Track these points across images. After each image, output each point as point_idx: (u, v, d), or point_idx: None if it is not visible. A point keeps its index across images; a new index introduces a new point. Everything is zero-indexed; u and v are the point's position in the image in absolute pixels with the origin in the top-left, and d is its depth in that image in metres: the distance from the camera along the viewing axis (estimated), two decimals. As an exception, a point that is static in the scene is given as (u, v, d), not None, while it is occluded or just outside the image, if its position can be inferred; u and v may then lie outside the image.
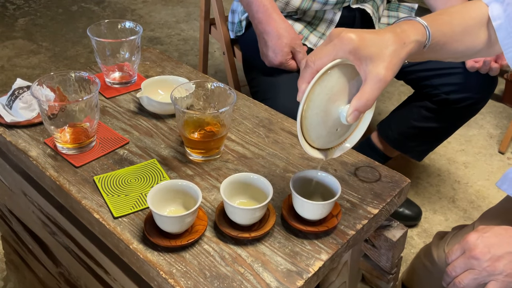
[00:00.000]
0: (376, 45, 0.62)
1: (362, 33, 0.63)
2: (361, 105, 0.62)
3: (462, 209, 1.69)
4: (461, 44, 0.75)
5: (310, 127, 0.66)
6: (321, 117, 0.66)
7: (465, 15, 0.76)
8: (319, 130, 0.67)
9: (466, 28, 0.74)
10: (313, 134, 0.67)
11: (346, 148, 0.72)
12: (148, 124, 0.93)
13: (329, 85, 0.64)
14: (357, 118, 0.64)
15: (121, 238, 0.71)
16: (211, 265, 0.67)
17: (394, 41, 0.64)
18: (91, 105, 0.82)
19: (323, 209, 0.70)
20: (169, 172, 0.82)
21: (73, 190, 0.78)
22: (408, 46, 0.65)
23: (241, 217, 0.70)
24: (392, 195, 0.80)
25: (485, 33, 0.77)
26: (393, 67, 0.63)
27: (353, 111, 0.63)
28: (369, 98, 0.62)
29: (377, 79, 0.62)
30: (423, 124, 1.42)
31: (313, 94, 0.63)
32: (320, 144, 0.69)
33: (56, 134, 0.84)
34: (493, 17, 0.75)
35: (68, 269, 0.98)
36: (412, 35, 0.66)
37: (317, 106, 0.64)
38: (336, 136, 0.70)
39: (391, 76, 0.62)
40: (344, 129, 0.70)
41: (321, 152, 0.70)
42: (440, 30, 0.71)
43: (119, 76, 1.04)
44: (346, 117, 0.64)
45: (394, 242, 0.84)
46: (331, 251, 0.70)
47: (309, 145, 0.68)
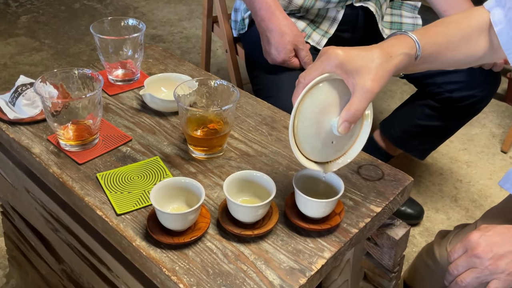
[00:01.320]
0: (362, 59, 0.65)
1: (349, 49, 0.66)
2: (350, 115, 0.65)
3: (464, 208, 1.68)
4: (457, 53, 0.76)
5: (303, 139, 0.67)
6: (314, 129, 0.67)
7: (461, 24, 0.77)
8: (313, 142, 0.68)
9: (463, 37, 0.76)
10: (307, 147, 0.68)
11: (345, 162, 0.73)
12: (151, 122, 0.93)
13: (319, 98, 0.66)
14: (348, 129, 0.66)
15: (124, 235, 0.71)
16: (214, 263, 0.67)
17: (380, 55, 0.66)
18: (94, 102, 0.82)
19: (326, 207, 0.70)
20: (172, 170, 0.82)
21: (76, 187, 0.78)
22: (395, 59, 0.67)
23: (244, 214, 0.70)
24: (395, 194, 0.80)
25: (486, 40, 0.77)
26: (379, 79, 0.65)
27: (342, 122, 0.65)
28: (357, 109, 0.64)
29: (363, 90, 0.64)
30: (426, 123, 1.41)
31: (303, 106, 0.65)
32: (317, 157, 0.70)
33: (59, 131, 0.84)
34: (494, 23, 0.76)
35: (70, 266, 0.98)
36: (400, 49, 0.68)
37: (309, 119, 0.66)
38: (333, 149, 0.71)
39: (377, 87, 0.65)
40: (340, 142, 0.70)
41: (320, 165, 0.71)
42: (433, 41, 0.73)
43: (122, 73, 1.04)
44: (337, 128, 0.66)
45: (396, 240, 0.84)
46: (334, 249, 0.70)
47: (305, 157, 0.69)
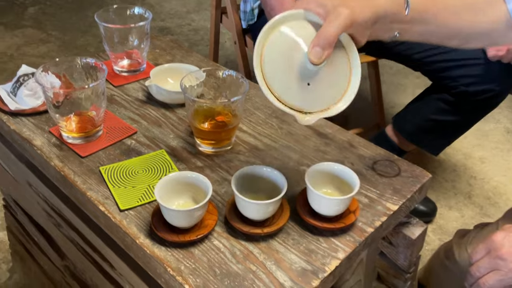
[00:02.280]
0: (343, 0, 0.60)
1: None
2: (321, 39, 0.58)
3: (479, 205, 1.64)
4: (460, 19, 0.68)
5: (271, 73, 0.60)
6: (284, 63, 0.60)
7: None
8: (284, 80, 0.61)
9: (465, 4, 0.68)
10: (277, 85, 0.61)
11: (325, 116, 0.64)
12: (156, 114, 0.90)
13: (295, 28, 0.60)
14: (320, 56, 0.59)
15: (127, 232, 0.67)
16: (221, 262, 0.64)
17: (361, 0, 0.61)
18: (97, 93, 0.79)
19: (340, 204, 0.66)
20: (178, 164, 0.79)
21: (78, 181, 0.75)
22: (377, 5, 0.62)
23: (253, 212, 0.66)
24: (412, 191, 0.76)
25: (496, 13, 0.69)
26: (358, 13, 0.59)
27: (313, 47, 0.59)
28: (329, 31, 0.58)
29: (336, 13, 0.58)
30: (440, 117, 1.37)
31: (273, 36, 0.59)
32: (292, 101, 0.62)
33: (61, 123, 0.81)
34: None
35: (73, 262, 0.95)
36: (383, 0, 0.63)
37: (279, 51, 0.60)
38: (311, 96, 0.63)
39: (354, 15, 0.59)
40: (318, 87, 0.62)
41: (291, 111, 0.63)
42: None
43: (127, 63, 1.00)
44: (308, 55, 0.59)
45: (413, 240, 0.80)
46: (348, 249, 0.66)
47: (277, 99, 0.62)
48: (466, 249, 0.96)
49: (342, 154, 0.82)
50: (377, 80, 1.68)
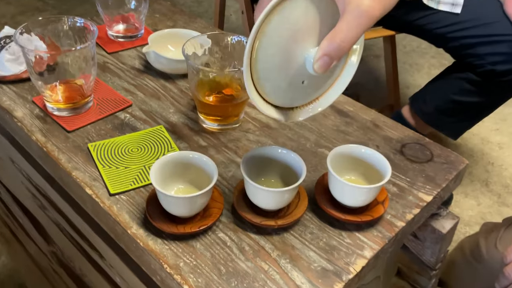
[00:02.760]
0: None
1: None
2: (333, 47, 0.46)
3: (496, 193, 1.55)
4: None
5: (263, 73, 0.48)
6: (280, 61, 0.48)
7: None
8: (277, 80, 0.50)
9: None
10: (268, 85, 0.49)
11: (315, 111, 0.55)
12: (155, 85, 0.79)
13: (293, 16, 0.47)
14: (327, 67, 0.47)
15: (118, 220, 0.57)
16: (228, 259, 0.54)
17: None
18: (86, 57, 0.68)
19: (368, 194, 0.57)
20: (178, 142, 0.69)
21: (63, 159, 0.65)
22: None
23: (266, 200, 0.56)
24: (448, 179, 0.66)
25: None
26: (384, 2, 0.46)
27: (321, 56, 0.46)
28: (345, 39, 0.45)
29: (357, 11, 0.45)
30: (463, 99, 1.27)
31: (269, 26, 0.46)
32: (280, 100, 0.52)
33: (45, 92, 0.71)
34: None
35: (60, 248, 0.86)
36: None
37: (274, 44, 0.47)
38: (303, 92, 0.52)
39: (379, 10, 0.45)
40: (314, 83, 0.52)
41: (280, 112, 0.53)
42: None
43: (123, 28, 0.90)
44: (313, 63, 0.47)
45: (443, 234, 0.71)
46: (376, 246, 0.56)
47: (263, 99, 0.51)
48: (496, 246, 0.86)
49: (365, 135, 0.72)
50: (393, 58, 1.57)
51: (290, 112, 0.54)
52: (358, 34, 0.46)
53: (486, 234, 0.90)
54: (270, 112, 0.52)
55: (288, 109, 0.54)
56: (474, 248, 0.91)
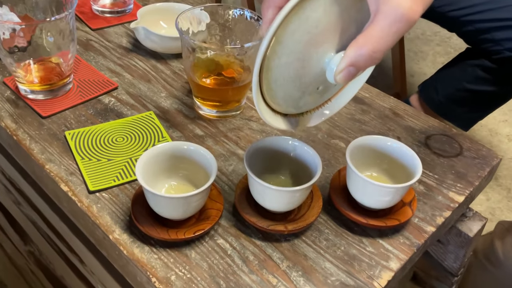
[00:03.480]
0: None
1: None
2: (363, 58, 0.37)
3: (506, 188, 1.47)
4: None
5: (275, 83, 0.41)
6: (295, 70, 0.41)
7: None
8: (290, 90, 0.42)
9: None
10: (280, 94, 0.42)
11: (326, 116, 0.47)
12: (144, 65, 0.70)
13: (314, 17, 0.38)
14: (352, 78, 0.39)
15: (98, 223, 0.48)
16: (228, 271, 0.45)
17: None
18: (63, 31, 0.59)
19: (395, 194, 0.48)
20: (171, 131, 0.60)
21: (35, 149, 0.56)
22: None
23: (274, 200, 0.47)
24: (481, 177, 0.57)
25: None
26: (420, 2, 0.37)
27: (347, 66, 0.38)
28: (377, 48, 0.37)
29: (396, 15, 0.36)
30: (477, 87, 1.19)
31: (286, 31, 0.38)
32: (289, 109, 0.45)
33: (18, 72, 0.61)
34: None
35: (38, 248, 0.77)
36: None
37: (291, 52, 0.39)
38: (315, 98, 0.45)
39: (419, 12, 0.37)
40: (329, 86, 0.45)
41: (287, 120, 0.45)
42: None
43: (110, 2, 0.80)
44: (335, 74, 0.39)
45: (469, 238, 0.63)
46: (403, 256, 0.48)
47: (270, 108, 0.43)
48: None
49: (384, 125, 0.63)
50: (400, 43, 1.48)
51: (300, 118, 0.46)
52: (394, 42, 0.37)
53: (501, 235, 0.82)
54: (278, 124, 0.44)
55: (297, 115, 0.46)
56: (489, 250, 0.83)
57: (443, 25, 1.23)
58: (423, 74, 1.83)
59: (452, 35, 1.22)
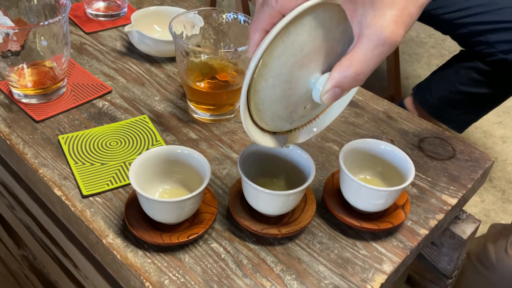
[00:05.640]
0: None
1: None
2: (347, 80, 0.38)
3: (500, 189, 1.47)
4: None
5: (263, 105, 0.42)
6: (282, 91, 0.41)
7: None
8: (278, 110, 0.43)
9: None
10: (268, 114, 0.43)
11: (314, 132, 0.48)
12: (138, 69, 0.70)
13: (298, 41, 0.39)
14: (337, 99, 0.40)
15: (91, 227, 0.48)
16: (222, 275, 0.45)
17: None
18: (57, 35, 0.58)
19: (388, 197, 0.48)
20: (165, 135, 0.60)
21: (29, 154, 0.55)
22: None
23: (268, 204, 0.47)
24: (474, 179, 0.57)
25: None
26: (407, 21, 0.37)
27: (332, 87, 0.39)
28: (361, 70, 0.37)
29: (379, 39, 0.36)
30: (471, 89, 1.19)
31: (272, 55, 0.39)
32: (277, 127, 0.46)
33: (11, 76, 0.61)
34: None
35: (32, 252, 0.77)
36: None
37: (277, 74, 0.40)
38: (303, 116, 0.46)
39: (401, 35, 0.37)
40: (317, 105, 0.45)
41: (275, 137, 0.46)
42: None
43: (104, 6, 0.80)
44: (321, 95, 0.40)
45: (463, 240, 0.63)
46: (397, 259, 0.48)
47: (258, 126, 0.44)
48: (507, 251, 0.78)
49: (378, 128, 0.64)
50: (394, 46, 1.48)
51: (289, 135, 0.47)
52: (377, 64, 0.38)
53: (494, 238, 0.82)
54: (266, 143, 0.45)
55: (286, 132, 0.47)
56: (482, 254, 0.83)
57: (437, 27, 1.23)
58: (418, 77, 1.84)
59: (447, 37, 1.22)
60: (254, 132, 0.44)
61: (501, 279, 0.81)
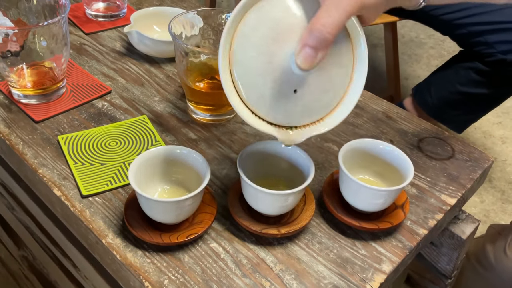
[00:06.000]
0: None
1: None
2: (315, 36, 0.39)
3: (500, 190, 1.48)
4: None
5: (245, 78, 0.42)
6: (262, 64, 0.42)
7: None
8: (263, 87, 0.43)
9: None
10: (253, 92, 0.43)
11: (318, 131, 0.46)
12: (138, 69, 0.70)
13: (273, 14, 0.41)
14: (312, 61, 0.40)
15: (91, 227, 0.48)
16: (221, 275, 0.45)
17: None
18: (56, 35, 0.59)
19: (388, 197, 0.48)
20: (164, 135, 0.60)
21: (28, 154, 0.55)
22: None
23: (267, 204, 0.47)
24: (473, 179, 0.57)
25: None
26: None
27: (302, 47, 0.39)
28: (326, 24, 0.38)
29: None
30: (470, 90, 1.19)
31: (246, 25, 0.41)
32: (272, 115, 0.45)
33: (11, 76, 0.61)
34: None
35: (32, 253, 0.77)
36: None
37: (255, 46, 0.42)
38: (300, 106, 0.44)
39: None
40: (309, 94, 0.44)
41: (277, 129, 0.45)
42: None
43: (103, 7, 0.80)
44: (295, 59, 0.40)
45: (462, 240, 0.63)
46: (396, 259, 0.48)
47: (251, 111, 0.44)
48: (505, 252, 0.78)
49: (377, 128, 0.64)
50: (394, 46, 1.48)
51: (290, 133, 0.46)
52: (341, 18, 0.39)
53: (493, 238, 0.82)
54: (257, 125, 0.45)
55: (287, 128, 0.46)
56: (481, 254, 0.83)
57: (436, 28, 1.23)
58: (417, 77, 1.84)
59: (446, 38, 1.22)
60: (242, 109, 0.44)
61: (500, 279, 0.81)
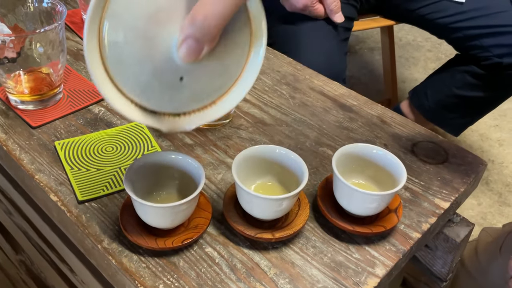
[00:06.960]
0: None
1: None
2: (197, 27, 0.35)
3: (497, 192, 1.48)
4: None
5: (118, 65, 0.38)
6: (141, 50, 0.38)
7: None
8: (142, 75, 0.39)
9: None
10: (129, 81, 0.39)
11: (212, 117, 0.43)
12: (134, 75, 0.71)
13: None
14: (196, 54, 0.37)
15: (87, 232, 0.49)
16: (216, 279, 0.46)
17: None
18: (53, 41, 0.59)
19: (381, 201, 0.49)
20: (160, 140, 0.60)
21: (25, 159, 0.56)
22: None
23: (262, 208, 0.48)
24: (466, 183, 0.58)
25: None
26: None
27: (184, 39, 0.36)
28: (209, 13, 0.35)
29: None
30: (466, 93, 1.20)
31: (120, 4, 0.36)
32: (154, 102, 0.41)
33: (8, 83, 0.62)
34: None
35: (30, 257, 0.77)
36: None
37: (131, 28, 0.37)
38: (187, 93, 0.41)
39: None
40: (198, 80, 0.41)
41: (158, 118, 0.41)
42: None
43: (100, 12, 0.80)
44: (177, 50, 0.37)
45: (457, 243, 0.63)
46: (389, 262, 0.48)
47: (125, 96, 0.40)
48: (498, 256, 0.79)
49: (372, 132, 0.64)
50: (391, 49, 1.49)
51: (176, 120, 0.42)
52: (226, 7, 0.35)
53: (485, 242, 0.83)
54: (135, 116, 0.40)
55: (173, 115, 0.42)
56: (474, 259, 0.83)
57: (432, 32, 1.24)
58: (414, 80, 1.84)
59: (443, 41, 1.23)
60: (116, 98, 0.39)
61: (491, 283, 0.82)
